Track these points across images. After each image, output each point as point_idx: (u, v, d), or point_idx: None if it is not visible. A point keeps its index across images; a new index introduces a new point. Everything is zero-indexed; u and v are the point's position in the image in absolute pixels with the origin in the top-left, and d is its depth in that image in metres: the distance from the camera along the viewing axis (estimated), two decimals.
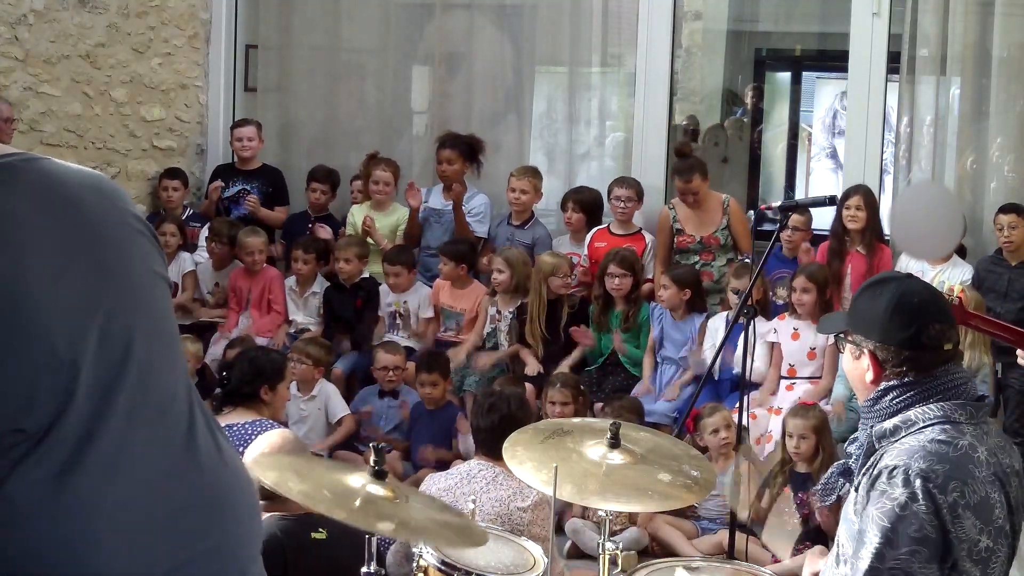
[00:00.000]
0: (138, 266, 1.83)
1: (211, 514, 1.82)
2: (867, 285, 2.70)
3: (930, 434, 2.46)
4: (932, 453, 2.42)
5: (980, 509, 2.40)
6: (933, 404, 2.50)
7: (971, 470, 2.42)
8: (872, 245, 6.12)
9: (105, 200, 1.81)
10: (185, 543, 1.77)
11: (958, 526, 2.37)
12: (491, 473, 4.00)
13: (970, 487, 2.40)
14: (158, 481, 1.76)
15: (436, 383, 6.12)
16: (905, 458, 2.42)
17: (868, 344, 2.57)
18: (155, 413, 1.78)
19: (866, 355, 2.57)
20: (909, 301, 2.59)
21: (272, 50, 8.01)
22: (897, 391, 2.53)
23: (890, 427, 2.51)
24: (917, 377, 2.53)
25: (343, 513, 2.43)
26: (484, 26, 7.75)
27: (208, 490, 1.83)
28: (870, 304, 2.61)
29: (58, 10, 6.91)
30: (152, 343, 1.80)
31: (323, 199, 7.39)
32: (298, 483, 2.56)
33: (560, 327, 6.41)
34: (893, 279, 2.69)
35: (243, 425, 4.31)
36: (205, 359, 6.74)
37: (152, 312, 1.84)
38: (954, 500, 2.37)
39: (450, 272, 6.67)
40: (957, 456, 2.43)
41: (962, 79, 6.71)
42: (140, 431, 1.75)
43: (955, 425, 2.48)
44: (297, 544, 3.39)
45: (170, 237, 7.14)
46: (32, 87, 6.84)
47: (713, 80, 9.46)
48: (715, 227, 6.52)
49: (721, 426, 5.38)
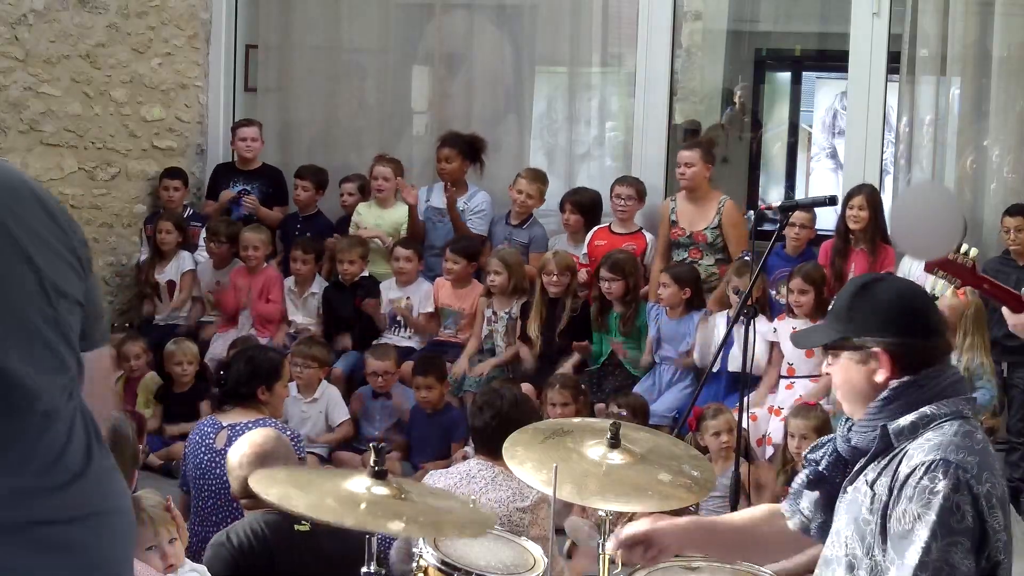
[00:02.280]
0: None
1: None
2: (857, 288, 2.63)
3: (950, 428, 2.46)
4: (962, 446, 2.41)
5: (1003, 502, 2.41)
6: (945, 400, 2.50)
7: (992, 463, 2.43)
8: (875, 244, 6.14)
9: None
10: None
11: (993, 516, 2.37)
12: (490, 473, 3.99)
13: (997, 479, 2.41)
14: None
15: (432, 387, 6.12)
16: (939, 452, 2.40)
17: (881, 343, 2.53)
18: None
19: (877, 356, 2.54)
20: (913, 290, 2.61)
21: (272, 50, 8.02)
22: (915, 387, 2.51)
23: (908, 423, 2.49)
24: (928, 371, 2.52)
25: (351, 519, 2.43)
26: (484, 26, 7.76)
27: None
28: (872, 304, 2.58)
29: (58, 10, 6.91)
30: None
31: (305, 196, 7.37)
32: (301, 496, 2.56)
33: (557, 329, 6.41)
34: (880, 278, 2.67)
35: (245, 424, 4.32)
36: (205, 359, 6.75)
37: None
38: (988, 491, 2.37)
39: (461, 270, 6.68)
40: (980, 449, 2.43)
41: (962, 79, 6.71)
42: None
43: (967, 420, 2.49)
44: (282, 538, 3.41)
45: (166, 235, 7.14)
46: (32, 87, 6.84)
47: (713, 80, 9.46)
48: (706, 224, 6.53)
49: (723, 430, 5.37)
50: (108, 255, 7.41)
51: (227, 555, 3.39)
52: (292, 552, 3.41)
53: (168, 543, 3.31)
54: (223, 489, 4.19)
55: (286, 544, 3.40)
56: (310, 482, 2.72)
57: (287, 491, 2.59)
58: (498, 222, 7.06)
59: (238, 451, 3.64)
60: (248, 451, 3.60)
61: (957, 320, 5.58)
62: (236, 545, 3.39)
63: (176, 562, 3.31)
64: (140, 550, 3.15)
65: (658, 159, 7.07)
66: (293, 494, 2.57)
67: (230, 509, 4.17)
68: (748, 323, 4.40)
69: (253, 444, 3.63)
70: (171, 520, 3.35)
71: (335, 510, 2.48)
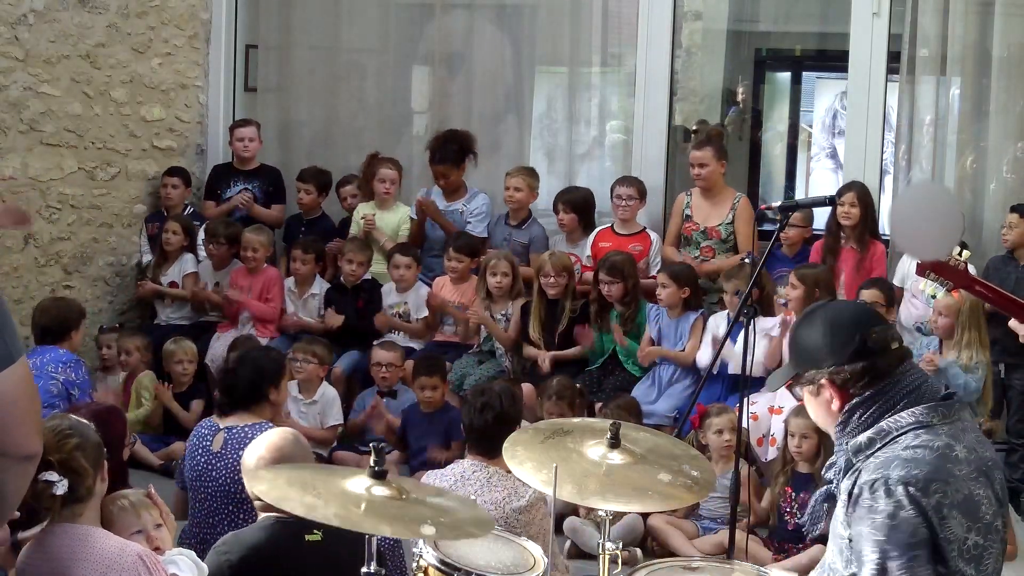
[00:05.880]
0: None
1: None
2: (796, 324, 2.75)
3: (904, 441, 2.48)
4: (908, 460, 2.43)
5: (965, 507, 2.40)
6: (903, 412, 2.51)
7: (950, 470, 2.43)
8: (864, 241, 6.15)
9: None
10: None
11: (945, 527, 2.38)
12: (485, 474, 3.98)
13: (952, 486, 2.41)
14: None
15: (436, 387, 6.12)
16: (882, 470, 2.43)
17: (823, 374, 2.59)
18: None
19: (825, 386, 2.59)
20: (840, 317, 2.64)
21: (272, 50, 8.02)
22: (863, 407, 2.56)
23: (864, 440, 2.53)
24: (878, 387, 2.55)
25: (351, 521, 2.42)
26: (484, 26, 7.75)
27: None
28: (807, 336, 2.65)
29: (58, 10, 6.90)
30: None
31: (308, 199, 7.38)
32: (302, 496, 2.56)
33: (557, 329, 6.41)
34: (817, 308, 2.74)
35: (242, 428, 4.30)
36: (206, 359, 6.75)
37: None
38: (937, 502, 2.38)
39: (464, 268, 6.70)
40: (934, 458, 2.44)
41: (962, 79, 6.71)
42: None
43: (928, 428, 2.49)
44: (291, 547, 3.34)
45: (172, 236, 7.13)
46: (32, 87, 6.83)
47: (713, 80, 9.46)
48: (720, 220, 6.54)
49: (726, 428, 5.38)
50: (108, 255, 7.41)
51: (226, 570, 3.34)
52: (301, 562, 3.34)
53: (154, 528, 3.30)
54: (219, 491, 4.18)
55: (295, 554, 3.34)
56: (314, 482, 2.72)
57: (288, 493, 2.59)
58: (498, 223, 7.07)
59: (254, 453, 3.57)
60: (265, 454, 3.53)
61: (954, 318, 5.60)
62: (238, 559, 3.34)
63: (163, 546, 3.29)
64: (126, 535, 3.15)
65: (658, 159, 7.07)
66: (294, 494, 2.56)
67: (227, 511, 4.15)
68: (748, 323, 4.40)
69: (270, 446, 3.56)
70: (153, 505, 3.34)
71: (335, 512, 2.48)
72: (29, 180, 6.87)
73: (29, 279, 6.95)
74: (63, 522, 2.94)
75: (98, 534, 2.96)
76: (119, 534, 3.09)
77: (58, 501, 2.90)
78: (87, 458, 2.96)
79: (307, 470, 3.04)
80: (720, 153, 6.63)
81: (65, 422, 3.02)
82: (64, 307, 6.01)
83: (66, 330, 5.83)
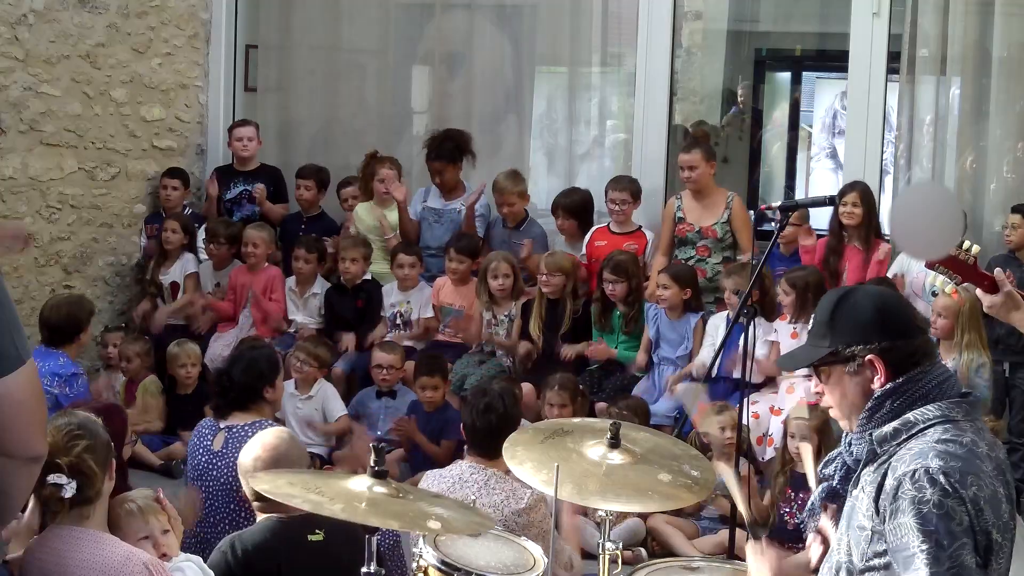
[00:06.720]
0: None
1: None
2: (834, 302, 2.63)
3: (933, 434, 2.46)
4: (942, 452, 2.41)
5: (992, 503, 2.40)
6: (931, 404, 2.50)
7: (979, 465, 2.43)
8: (869, 241, 6.15)
9: None
10: None
11: (981, 519, 2.37)
12: (483, 476, 3.96)
13: (983, 481, 2.40)
14: None
15: (437, 387, 6.11)
16: (920, 460, 2.41)
17: (871, 351, 2.54)
18: None
19: (870, 364, 2.54)
20: (888, 296, 2.63)
21: (272, 50, 8.02)
22: (895, 394, 2.53)
23: (890, 430, 2.51)
24: (912, 373, 2.52)
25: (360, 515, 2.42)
26: (484, 26, 7.75)
27: None
28: (855, 314, 2.59)
29: (58, 10, 6.90)
30: None
31: (308, 195, 7.37)
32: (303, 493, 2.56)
33: (559, 331, 6.40)
34: (854, 289, 2.69)
35: (242, 426, 4.30)
36: (205, 359, 6.74)
37: None
38: (974, 494, 2.37)
39: (465, 269, 6.69)
40: (964, 452, 2.43)
41: (962, 79, 6.71)
42: None
43: (955, 423, 2.48)
44: (293, 547, 3.34)
45: (171, 235, 7.13)
46: (32, 87, 6.83)
47: (713, 80, 9.46)
48: (715, 220, 6.53)
49: (728, 425, 5.38)
50: (108, 255, 7.41)
51: (228, 569, 3.34)
52: (302, 562, 3.34)
53: (162, 533, 3.28)
54: (220, 491, 4.18)
55: (296, 554, 3.34)
56: (314, 480, 2.72)
57: (288, 490, 2.59)
58: (495, 225, 7.06)
59: (250, 453, 3.57)
60: (261, 453, 3.54)
61: (954, 319, 5.58)
62: (241, 558, 3.34)
63: (170, 552, 3.27)
64: (133, 540, 3.13)
65: (658, 159, 7.06)
66: (300, 493, 2.57)
67: (228, 511, 4.15)
68: (748, 324, 4.40)
69: (265, 446, 3.57)
70: (161, 511, 3.33)
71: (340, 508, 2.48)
72: (29, 180, 6.89)
73: (29, 279, 6.95)
74: (71, 524, 2.91)
75: (104, 540, 2.94)
76: (125, 538, 3.08)
77: (66, 503, 2.89)
78: (96, 460, 2.92)
79: (306, 474, 3.05)
80: (709, 155, 6.62)
81: (74, 420, 2.97)
82: (76, 305, 5.99)
83: (76, 331, 5.81)
